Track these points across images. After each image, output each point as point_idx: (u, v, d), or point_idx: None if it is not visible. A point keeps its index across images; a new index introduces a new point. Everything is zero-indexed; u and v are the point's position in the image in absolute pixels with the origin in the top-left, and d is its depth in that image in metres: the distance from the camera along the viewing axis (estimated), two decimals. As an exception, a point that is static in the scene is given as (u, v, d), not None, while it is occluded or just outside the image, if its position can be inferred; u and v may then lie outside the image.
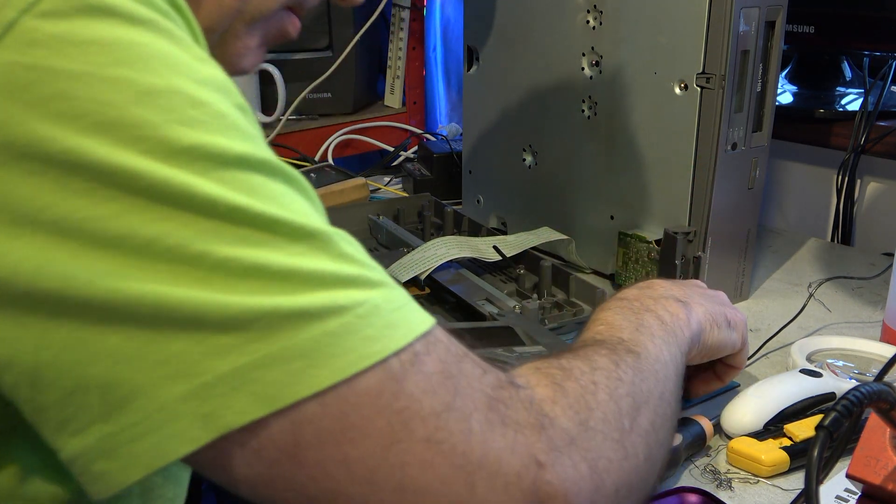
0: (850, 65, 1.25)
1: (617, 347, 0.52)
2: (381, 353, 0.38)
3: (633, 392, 0.48)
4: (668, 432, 0.51)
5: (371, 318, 0.38)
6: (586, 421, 0.43)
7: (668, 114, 0.93)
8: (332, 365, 0.37)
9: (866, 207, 1.23)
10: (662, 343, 0.55)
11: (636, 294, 0.61)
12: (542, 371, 0.46)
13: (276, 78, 1.39)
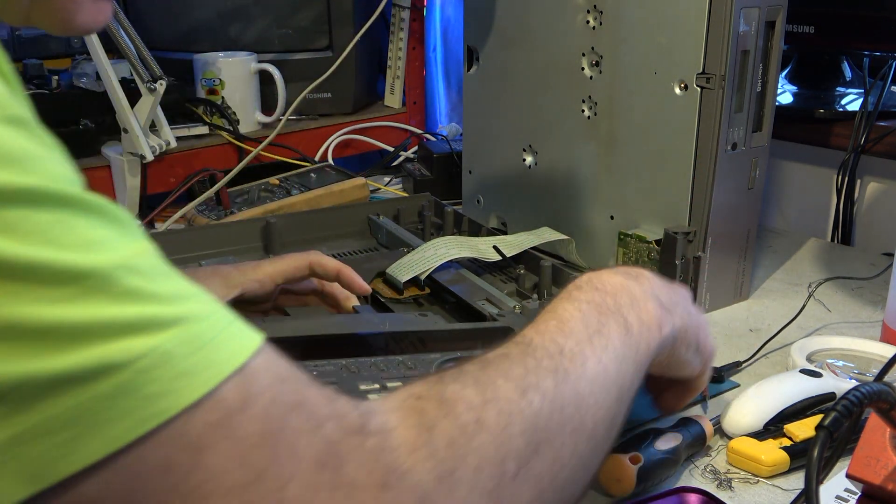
0: (850, 65, 1.25)
1: (542, 363, 0.46)
2: (167, 412, 0.32)
3: (535, 427, 0.42)
4: (581, 465, 0.45)
5: (157, 371, 0.32)
6: (452, 471, 0.38)
7: (668, 114, 0.93)
8: (106, 433, 0.31)
9: (866, 207, 1.23)
10: (614, 358, 0.50)
11: (617, 287, 0.54)
12: (416, 406, 0.40)
13: (276, 78, 1.39)
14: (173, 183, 1.27)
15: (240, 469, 0.33)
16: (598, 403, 0.47)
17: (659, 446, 0.65)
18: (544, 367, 0.45)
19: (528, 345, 0.48)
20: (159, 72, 1.17)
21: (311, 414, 0.36)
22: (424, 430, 0.39)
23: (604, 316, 0.52)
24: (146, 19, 1.46)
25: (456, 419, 0.40)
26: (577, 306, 0.52)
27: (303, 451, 0.35)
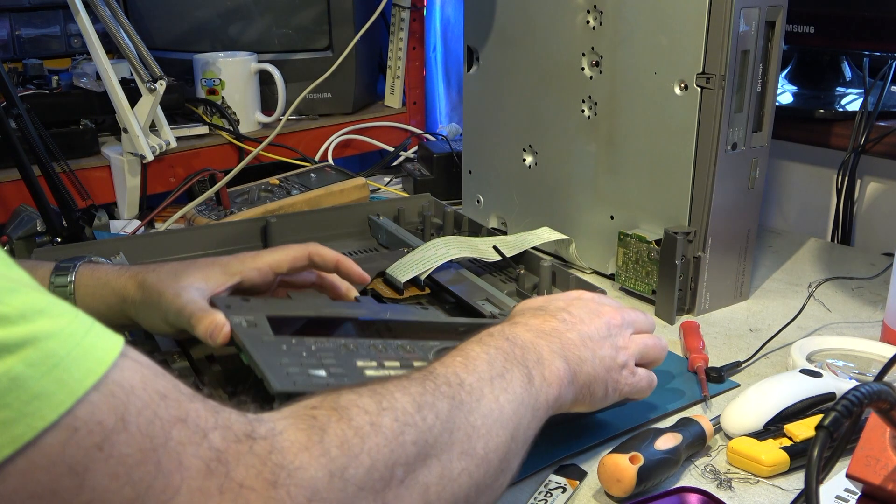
0: (850, 65, 1.25)
1: (441, 388, 0.48)
2: (23, 436, 0.32)
3: (426, 441, 0.44)
4: (473, 486, 0.47)
5: (9, 397, 0.32)
6: (344, 469, 0.40)
7: (668, 114, 0.93)
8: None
9: (866, 207, 1.23)
10: (512, 400, 0.52)
11: (527, 343, 0.58)
12: (308, 413, 0.42)
13: (276, 78, 1.39)
14: (173, 183, 1.27)
15: (125, 486, 0.34)
16: (489, 434, 0.49)
17: (659, 446, 0.65)
18: (441, 392, 0.48)
19: (431, 372, 0.50)
20: (159, 72, 1.17)
21: (195, 426, 0.37)
22: (316, 431, 0.40)
23: (509, 363, 0.55)
24: (146, 19, 1.46)
25: (350, 422, 0.42)
26: (486, 350, 0.55)
27: (188, 461, 0.35)
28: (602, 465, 0.64)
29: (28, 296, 0.34)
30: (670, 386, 0.81)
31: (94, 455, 0.33)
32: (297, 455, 0.39)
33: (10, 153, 1.00)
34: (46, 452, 0.32)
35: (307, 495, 0.38)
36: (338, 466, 0.40)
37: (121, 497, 0.34)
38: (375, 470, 0.41)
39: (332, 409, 0.42)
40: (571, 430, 0.72)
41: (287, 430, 0.40)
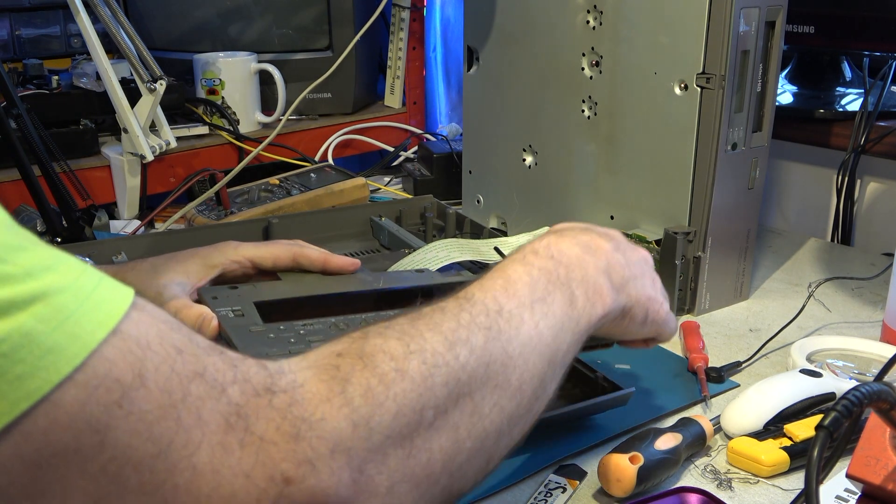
0: (850, 65, 1.25)
1: (477, 319, 0.47)
2: (39, 391, 0.32)
3: (458, 380, 0.43)
4: (505, 419, 0.46)
5: (21, 352, 0.32)
6: (368, 418, 0.39)
7: (668, 114, 0.93)
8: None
9: (866, 207, 1.23)
10: (552, 325, 0.50)
11: (572, 260, 0.55)
12: (332, 362, 0.41)
13: (276, 78, 1.39)
14: (173, 183, 1.27)
15: (147, 443, 0.34)
16: (526, 364, 0.47)
17: (659, 446, 0.65)
18: (477, 324, 0.46)
19: (468, 300, 0.48)
20: (159, 72, 1.17)
21: (213, 381, 0.36)
22: (338, 382, 0.39)
23: (552, 285, 0.52)
24: (146, 19, 1.46)
25: (374, 370, 0.41)
26: (528, 271, 0.52)
27: (208, 416, 0.35)
28: (602, 465, 0.64)
29: (34, 253, 0.34)
30: (670, 386, 0.81)
31: (114, 412, 0.33)
32: (319, 407, 0.38)
33: (10, 153, 1.00)
34: (66, 410, 0.32)
35: (330, 447, 0.38)
36: (362, 416, 0.39)
37: (142, 453, 0.34)
38: (402, 416, 0.40)
39: (357, 356, 0.41)
40: (571, 430, 0.72)
41: (308, 382, 0.39)
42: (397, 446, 0.40)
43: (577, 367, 0.78)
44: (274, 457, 0.36)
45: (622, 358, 0.86)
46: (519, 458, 0.69)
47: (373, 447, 0.39)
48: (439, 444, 0.42)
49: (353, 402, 0.39)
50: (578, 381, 0.78)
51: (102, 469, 0.33)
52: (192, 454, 0.35)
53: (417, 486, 0.41)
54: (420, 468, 0.41)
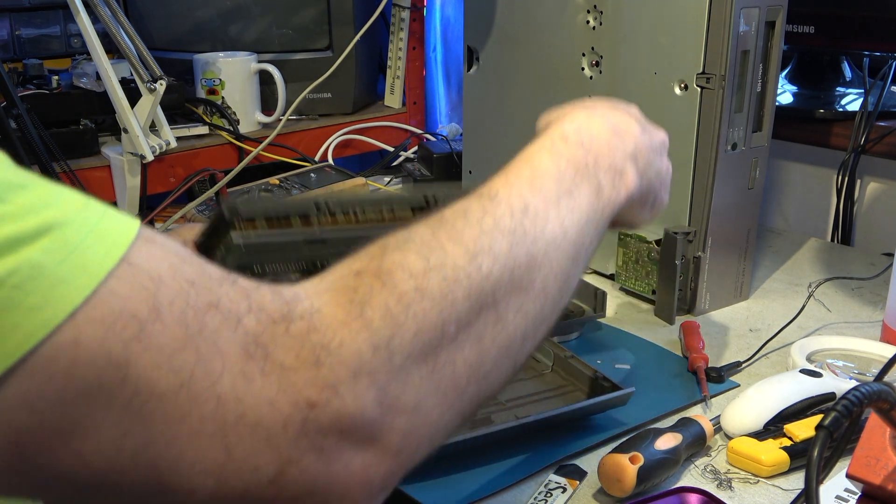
0: (850, 65, 1.25)
1: (501, 222, 0.45)
2: (53, 320, 0.32)
3: (481, 291, 0.42)
4: (529, 322, 0.45)
5: (32, 284, 0.32)
6: (389, 340, 0.38)
7: (668, 114, 0.93)
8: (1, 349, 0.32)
9: (866, 207, 1.23)
10: (578, 221, 0.49)
11: (602, 146, 0.53)
12: (350, 284, 0.40)
13: (276, 78, 1.39)
14: (173, 183, 1.27)
15: (169, 375, 0.34)
16: (551, 264, 0.46)
17: (659, 446, 0.65)
18: (501, 229, 0.45)
19: (492, 199, 0.47)
20: (159, 72, 1.17)
21: (227, 312, 0.36)
22: (356, 305, 0.39)
23: (579, 176, 0.50)
24: (146, 19, 1.46)
25: (393, 289, 0.40)
26: (556, 162, 0.50)
27: (226, 347, 0.35)
28: (602, 465, 0.64)
29: (35, 190, 0.34)
30: (670, 386, 0.81)
31: (133, 347, 0.34)
32: (337, 332, 0.38)
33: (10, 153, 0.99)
34: (86, 348, 0.33)
35: (352, 371, 0.37)
36: (381, 338, 0.38)
37: (166, 385, 0.34)
38: (423, 333, 0.40)
39: (375, 275, 0.40)
40: (571, 430, 0.72)
41: (325, 307, 0.39)
42: (420, 364, 0.40)
43: (577, 367, 0.78)
44: (296, 383, 0.36)
45: (622, 358, 0.86)
46: (519, 458, 0.69)
47: (395, 368, 0.39)
48: (463, 356, 0.41)
49: (373, 324, 0.39)
50: (578, 381, 0.78)
51: (127, 403, 0.34)
52: (214, 384, 0.35)
53: (444, 398, 0.41)
54: (445, 382, 0.41)
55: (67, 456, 0.34)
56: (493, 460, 0.69)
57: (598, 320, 0.93)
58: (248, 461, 0.36)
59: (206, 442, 0.35)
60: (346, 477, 0.38)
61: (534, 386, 0.79)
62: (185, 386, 0.34)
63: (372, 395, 0.38)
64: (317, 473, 0.37)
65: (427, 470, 0.67)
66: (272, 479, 0.36)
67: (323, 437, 0.37)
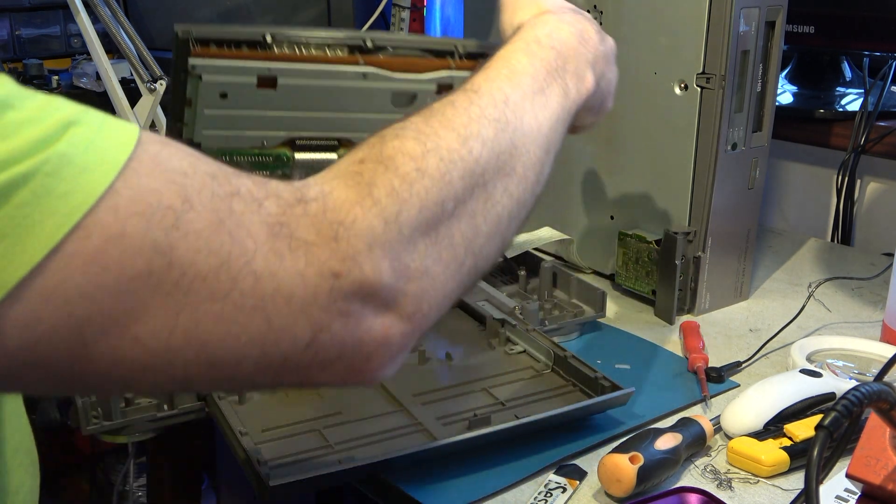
0: (850, 65, 1.25)
1: (487, 111, 0.50)
2: (86, 202, 0.35)
3: (473, 172, 0.47)
4: (514, 203, 0.51)
5: (63, 171, 0.35)
6: (397, 214, 0.43)
7: (668, 114, 0.93)
8: (38, 234, 0.35)
9: (866, 207, 1.23)
10: (549, 117, 0.54)
11: (569, 50, 0.58)
12: (355, 170, 0.45)
13: (276, 78, 1.39)
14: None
15: (208, 256, 0.38)
16: (528, 154, 0.51)
17: (659, 446, 0.65)
18: (487, 117, 0.49)
19: (476, 92, 0.51)
20: (159, 72, 1.17)
21: (249, 198, 0.40)
22: (364, 186, 0.43)
23: (550, 76, 0.55)
24: (146, 19, 1.46)
25: (396, 171, 0.44)
26: (531, 62, 0.55)
27: (254, 228, 0.39)
28: (602, 465, 0.64)
29: (41, 97, 0.37)
30: (670, 386, 0.81)
31: (174, 235, 0.37)
32: (350, 210, 0.42)
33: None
34: (132, 239, 0.36)
35: (367, 243, 0.42)
36: (390, 213, 0.43)
37: (206, 267, 0.38)
38: (426, 209, 0.44)
39: (377, 161, 0.45)
40: (571, 430, 0.72)
41: (336, 190, 0.43)
42: (425, 235, 0.44)
43: (577, 367, 0.78)
44: (320, 256, 0.41)
45: (622, 358, 0.86)
46: (519, 458, 0.69)
47: (403, 239, 0.43)
48: (460, 230, 0.46)
49: (381, 202, 0.43)
50: (578, 381, 0.78)
51: (175, 286, 0.37)
52: (249, 262, 0.39)
53: (447, 268, 0.46)
54: (446, 252, 0.46)
55: (126, 341, 0.37)
56: (493, 460, 0.69)
57: (598, 320, 0.93)
58: (286, 330, 0.40)
59: (249, 315, 0.39)
60: (370, 339, 0.43)
61: (534, 386, 0.79)
62: (225, 265, 0.38)
63: (386, 263, 0.42)
64: (345, 337, 0.42)
65: (427, 470, 0.67)
66: (308, 343, 0.41)
67: (348, 304, 0.41)
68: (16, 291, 0.35)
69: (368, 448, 0.68)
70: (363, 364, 0.43)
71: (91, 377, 0.39)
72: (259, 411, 0.74)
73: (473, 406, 0.75)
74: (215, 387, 0.43)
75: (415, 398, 0.76)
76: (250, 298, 0.39)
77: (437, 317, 0.47)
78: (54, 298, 0.35)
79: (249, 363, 0.40)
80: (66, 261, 0.35)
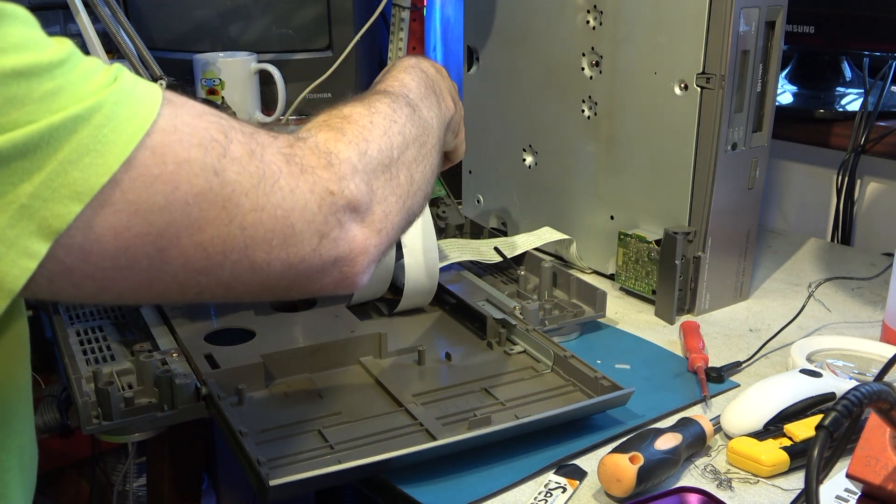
0: (850, 65, 1.25)
1: (399, 99, 0.64)
2: (142, 128, 0.44)
3: (403, 132, 0.61)
4: (428, 172, 0.64)
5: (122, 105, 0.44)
6: (365, 151, 0.56)
7: (668, 114, 0.93)
8: (115, 148, 0.42)
9: (866, 207, 1.23)
10: (436, 116, 0.68)
11: (435, 78, 0.72)
12: (326, 123, 0.58)
13: (276, 78, 1.39)
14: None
15: (248, 177, 0.48)
16: (428, 135, 0.65)
17: (659, 446, 0.65)
18: (401, 104, 0.64)
19: (384, 92, 0.65)
20: (159, 72, 1.17)
21: (265, 135, 0.51)
22: (336, 131, 0.57)
23: (428, 90, 0.69)
24: (146, 19, 1.46)
25: (356, 123, 0.58)
26: (412, 77, 0.69)
27: (274, 157, 0.50)
28: (602, 465, 0.64)
29: (89, 58, 0.46)
30: (670, 386, 0.81)
31: (223, 161, 0.47)
32: (335, 144, 0.55)
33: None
34: (194, 162, 0.45)
35: (351, 169, 0.54)
36: (361, 149, 0.56)
37: (248, 184, 0.48)
38: (382, 151, 0.58)
39: (341, 117, 0.59)
40: (571, 430, 0.72)
41: (319, 133, 0.56)
42: (384, 171, 0.58)
43: (577, 367, 0.78)
44: (322, 178, 0.52)
45: (622, 358, 0.86)
46: (519, 458, 0.69)
47: (371, 170, 0.56)
48: (403, 174, 0.60)
49: (353, 141, 0.56)
50: (578, 381, 0.78)
51: (228, 199, 0.47)
52: (276, 181, 0.49)
53: (398, 199, 0.58)
54: (397, 187, 0.59)
55: (191, 246, 0.46)
56: (493, 460, 0.69)
57: (598, 320, 0.93)
58: (304, 234, 0.51)
59: (280, 222, 0.49)
60: (355, 245, 0.54)
61: (534, 386, 0.79)
62: (261, 183, 0.48)
63: (364, 186, 0.55)
64: (340, 242, 0.53)
65: (427, 470, 0.67)
66: (315, 247, 0.51)
67: (342, 215, 0.53)
68: (102, 197, 0.42)
69: (368, 448, 0.68)
70: (350, 268, 0.54)
71: (164, 280, 0.47)
72: (259, 411, 0.74)
73: (473, 406, 0.75)
74: (248, 293, 0.52)
75: (415, 398, 0.76)
76: (280, 209, 0.49)
77: (394, 238, 0.59)
78: (139, 209, 0.43)
79: (278, 264, 0.50)
80: (144, 175, 0.43)
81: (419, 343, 0.85)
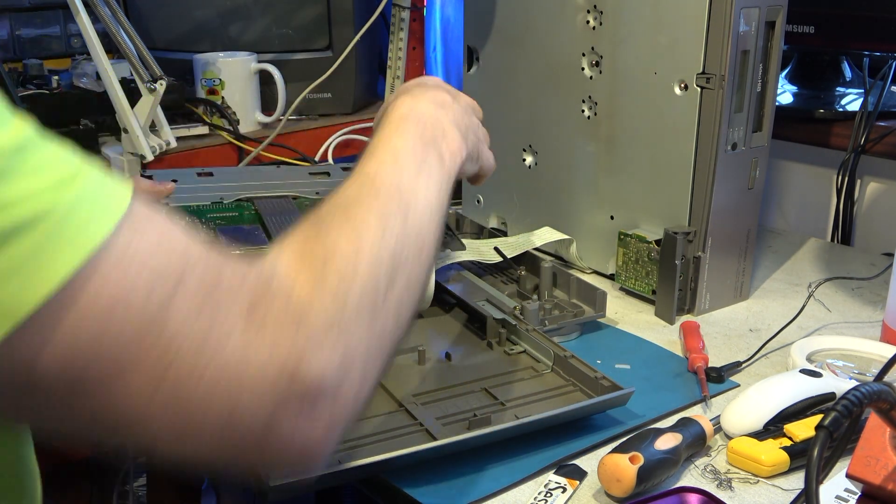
0: (850, 65, 1.25)
1: (390, 205, 0.54)
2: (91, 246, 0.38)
3: (395, 253, 0.52)
4: (421, 280, 0.55)
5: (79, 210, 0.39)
6: (346, 296, 0.48)
7: (668, 114, 0.93)
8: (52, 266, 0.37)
9: (866, 207, 1.23)
10: (436, 185, 0.58)
11: (433, 120, 0.63)
12: (306, 253, 0.49)
13: (276, 78, 1.39)
14: (173, 183, 1.27)
15: (192, 333, 0.41)
16: (430, 225, 0.56)
17: (659, 446, 0.65)
18: (393, 210, 0.54)
19: (373, 184, 0.55)
20: (159, 72, 1.17)
21: (236, 267, 0.44)
22: (319, 272, 0.48)
23: (426, 147, 0.60)
24: (146, 19, 1.46)
25: (342, 254, 0.49)
26: (405, 140, 0.60)
27: (237, 301, 0.43)
28: (602, 465, 0.64)
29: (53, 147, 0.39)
30: (670, 386, 0.81)
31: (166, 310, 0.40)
32: (310, 293, 0.46)
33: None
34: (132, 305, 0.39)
35: (324, 329, 0.45)
36: (341, 294, 0.47)
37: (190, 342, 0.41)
38: (365, 296, 0.49)
39: (324, 247, 0.49)
40: (571, 430, 0.72)
41: (299, 273, 0.47)
42: (368, 316, 0.49)
43: (577, 367, 0.78)
44: (286, 338, 0.43)
45: (622, 358, 0.86)
46: (519, 458, 0.69)
47: (352, 318, 0.47)
48: (392, 310, 0.51)
49: (333, 287, 0.47)
50: (578, 381, 0.78)
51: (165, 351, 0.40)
52: (229, 335, 0.42)
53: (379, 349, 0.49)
54: (381, 335, 0.50)
55: (118, 389, 0.40)
56: (493, 460, 0.69)
57: (598, 320, 0.93)
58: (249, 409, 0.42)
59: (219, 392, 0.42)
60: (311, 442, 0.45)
61: (534, 386, 0.79)
62: (205, 343, 0.41)
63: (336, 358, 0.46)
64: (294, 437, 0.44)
65: (427, 470, 0.67)
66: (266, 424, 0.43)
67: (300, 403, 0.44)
68: (28, 323, 0.37)
69: (368, 448, 0.68)
70: (301, 465, 0.48)
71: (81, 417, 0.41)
72: (259, 411, 0.74)
73: (473, 406, 0.75)
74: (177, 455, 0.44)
75: (415, 398, 0.76)
76: (222, 374, 0.42)
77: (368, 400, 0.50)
78: (62, 341, 0.38)
79: (214, 433, 0.43)
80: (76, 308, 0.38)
81: (419, 343, 0.85)
